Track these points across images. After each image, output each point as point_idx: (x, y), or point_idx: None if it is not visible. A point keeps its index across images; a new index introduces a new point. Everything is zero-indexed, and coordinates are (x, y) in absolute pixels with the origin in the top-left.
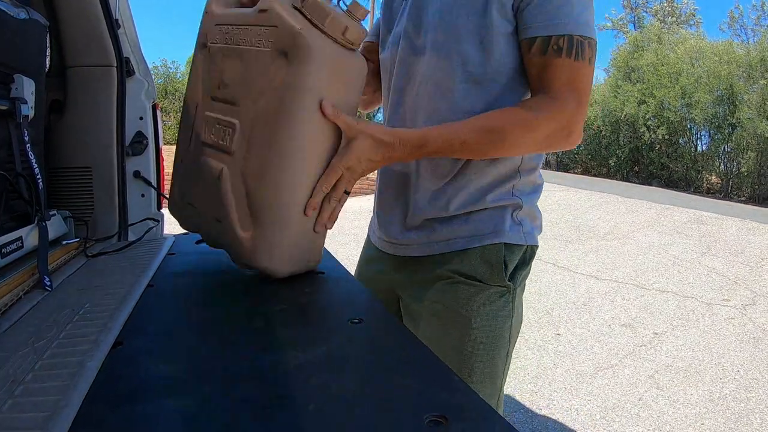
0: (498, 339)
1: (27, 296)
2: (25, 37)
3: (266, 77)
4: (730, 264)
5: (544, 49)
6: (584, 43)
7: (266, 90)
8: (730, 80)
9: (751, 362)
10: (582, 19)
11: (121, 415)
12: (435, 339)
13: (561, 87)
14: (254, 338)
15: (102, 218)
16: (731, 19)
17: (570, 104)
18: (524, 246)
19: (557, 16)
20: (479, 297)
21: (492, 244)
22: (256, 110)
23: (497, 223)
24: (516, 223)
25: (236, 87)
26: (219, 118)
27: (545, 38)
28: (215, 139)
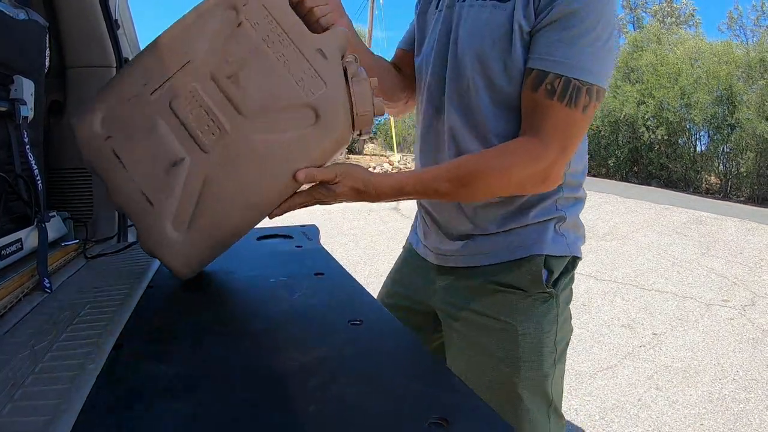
0: (544, 345)
1: (26, 298)
2: (25, 38)
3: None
4: (730, 264)
5: (537, 84)
6: (582, 90)
7: (275, 128)
8: (730, 81)
9: (750, 363)
10: (587, 62)
11: (121, 418)
12: (479, 348)
13: (547, 131)
14: (254, 340)
15: (101, 220)
16: (730, 20)
17: (552, 151)
18: (568, 257)
19: (559, 51)
20: (522, 304)
21: (535, 255)
22: (252, 133)
23: (540, 236)
24: (559, 234)
25: (246, 93)
26: (209, 107)
27: (540, 72)
28: (192, 124)
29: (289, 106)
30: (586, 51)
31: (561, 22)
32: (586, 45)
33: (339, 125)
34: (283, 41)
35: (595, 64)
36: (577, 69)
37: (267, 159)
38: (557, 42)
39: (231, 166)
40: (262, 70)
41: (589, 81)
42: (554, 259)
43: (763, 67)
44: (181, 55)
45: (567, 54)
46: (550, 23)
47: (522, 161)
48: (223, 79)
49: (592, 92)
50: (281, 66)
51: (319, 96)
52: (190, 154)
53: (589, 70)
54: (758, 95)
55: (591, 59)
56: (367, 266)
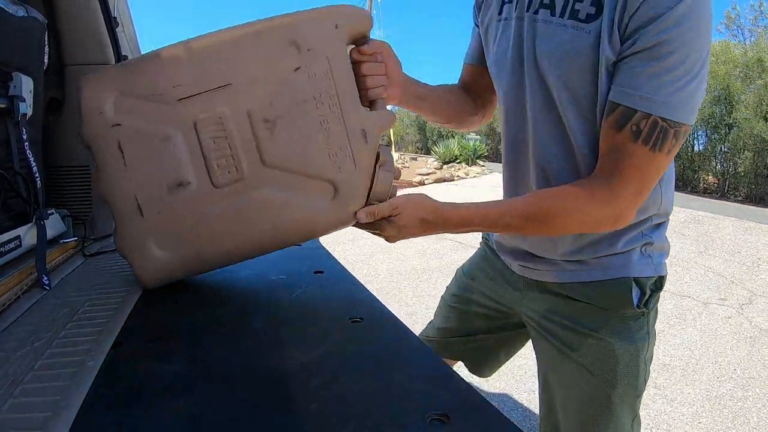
0: (639, 363)
1: (25, 295)
2: (24, 35)
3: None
4: (727, 263)
5: (623, 124)
6: (669, 132)
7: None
8: (727, 80)
9: (748, 361)
10: (676, 99)
11: (121, 416)
12: (574, 362)
13: (627, 176)
14: (254, 338)
15: (100, 217)
16: (728, 20)
17: (629, 196)
18: (653, 278)
19: (647, 85)
20: (616, 321)
21: (624, 278)
22: (267, 186)
23: (628, 260)
24: (645, 256)
25: (277, 144)
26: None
27: (627, 110)
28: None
29: (315, 176)
30: (677, 86)
31: (650, 52)
32: (676, 79)
33: (352, 207)
34: (333, 106)
35: (685, 101)
36: (666, 107)
37: (272, 215)
38: (645, 74)
39: (235, 210)
40: (302, 129)
41: (679, 120)
42: (643, 279)
43: (761, 67)
44: (223, 73)
45: (655, 89)
46: (637, 52)
47: (597, 205)
48: (258, 121)
49: (679, 133)
50: (322, 134)
51: (346, 176)
52: (198, 181)
53: (679, 108)
54: (756, 95)
55: (681, 95)
56: (366, 264)
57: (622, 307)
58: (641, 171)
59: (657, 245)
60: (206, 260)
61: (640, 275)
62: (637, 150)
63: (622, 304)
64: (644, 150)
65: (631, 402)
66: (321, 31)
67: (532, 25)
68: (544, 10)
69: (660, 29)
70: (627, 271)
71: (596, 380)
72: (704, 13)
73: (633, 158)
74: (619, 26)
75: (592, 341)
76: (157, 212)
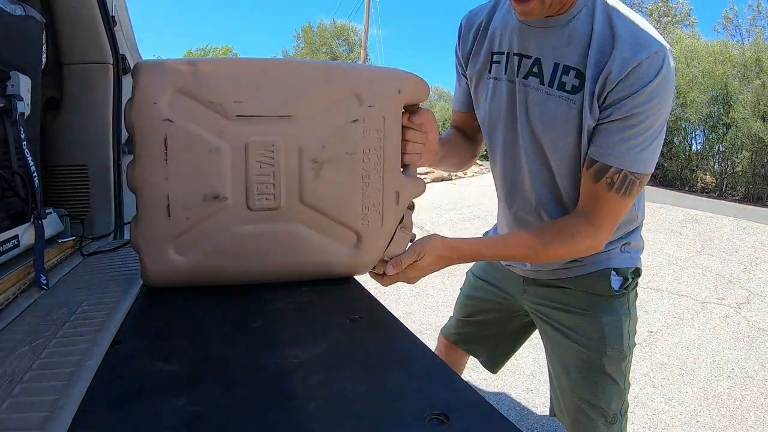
0: (623, 330)
1: (23, 295)
2: (22, 34)
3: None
4: (725, 263)
5: (600, 176)
6: (635, 182)
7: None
8: (725, 80)
9: (745, 360)
10: (643, 157)
11: (120, 415)
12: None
13: (603, 216)
14: (253, 337)
15: (98, 216)
16: (726, 20)
17: (604, 232)
18: (630, 269)
19: (620, 147)
20: (602, 301)
21: (608, 269)
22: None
23: (609, 256)
24: (624, 252)
25: (318, 186)
26: (279, 175)
27: (603, 166)
28: (254, 176)
29: (344, 223)
30: (643, 146)
31: (623, 121)
32: (644, 141)
33: (369, 259)
34: (377, 165)
35: (649, 157)
36: (635, 164)
37: (295, 249)
38: (619, 138)
39: (262, 236)
40: (345, 178)
41: (643, 172)
42: (623, 269)
43: (759, 67)
44: (287, 104)
45: (627, 150)
46: (613, 120)
47: (583, 239)
48: (307, 160)
49: (643, 181)
50: (360, 187)
51: (371, 230)
52: (234, 199)
53: (644, 163)
54: (753, 95)
55: (646, 153)
56: None
57: (606, 291)
58: (614, 212)
59: (633, 244)
60: (217, 275)
61: (620, 266)
62: (611, 197)
63: (605, 289)
64: (616, 197)
65: (619, 364)
66: (384, 92)
67: (524, 90)
68: (533, 78)
69: (634, 104)
70: (609, 264)
71: (588, 350)
72: (670, 87)
73: (608, 203)
74: (599, 98)
75: (584, 319)
76: (185, 217)
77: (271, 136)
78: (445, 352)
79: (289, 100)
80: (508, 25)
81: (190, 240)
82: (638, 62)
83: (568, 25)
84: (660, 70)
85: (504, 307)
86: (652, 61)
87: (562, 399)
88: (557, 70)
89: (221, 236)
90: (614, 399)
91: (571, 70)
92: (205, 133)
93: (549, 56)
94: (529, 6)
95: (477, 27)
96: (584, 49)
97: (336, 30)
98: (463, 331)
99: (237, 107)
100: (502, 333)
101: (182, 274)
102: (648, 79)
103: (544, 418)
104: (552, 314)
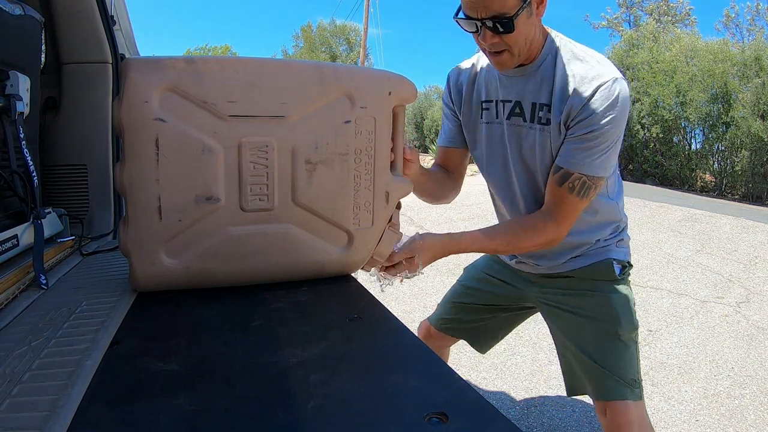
0: (629, 304)
1: (23, 294)
2: (20, 34)
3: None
4: (724, 262)
5: (563, 181)
6: (592, 186)
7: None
8: (725, 79)
9: (745, 359)
10: (599, 164)
11: (119, 415)
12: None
13: (563, 215)
14: (253, 336)
15: (97, 216)
16: (726, 19)
17: (564, 228)
18: (625, 261)
19: (580, 156)
20: (606, 284)
21: (608, 259)
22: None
23: (608, 250)
24: (619, 247)
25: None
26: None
27: (566, 172)
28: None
29: (336, 224)
30: (600, 155)
31: (584, 137)
32: (600, 151)
33: (358, 258)
34: (368, 165)
35: (605, 164)
36: (591, 169)
37: (288, 250)
38: (580, 149)
39: (254, 237)
40: (337, 179)
41: (598, 176)
42: (619, 260)
43: (758, 66)
44: (281, 105)
45: (585, 158)
46: (576, 136)
47: (548, 234)
48: (301, 161)
49: (598, 185)
50: (352, 187)
51: (362, 229)
52: (227, 200)
53: (600, 169)
54: (753, 94)
55: (603, 161)
56: None
57: (609, 276)
58: (572, 211)
59: (625, 240)
60: (209, 278)
61: (618, 258)
62: (572, 199)
63: (609, 274)
64: (576, 199)
65: (632, 333)
66: (376, 93)
67: (511, 128)
68: (516, 117)
69: (591, 124)
70: (608, 255)
71: (603, 323)
72: (622, 108)
73: (568, 204)
74: (565, 124)
75: (593, 299)
76: (178, 220)
77: (264, 136)
78: (431, 342)
79: (283, 101)
80: (492, 78)
81: (182, 243)
82: (593, 92)
83: (538, 71)
84: (612, 95)
85: (508, 298)
86: (604, 90)
87: (584, 372)
88: (535, 109)
89: (214, 238)
90: (632, 364)
91: (544, 106)
92: (197, 133)
93: (527, 98)
94: (501, 57)
95: (466, 80)
96: (551, 88)
97: (335, 29)
98: (457, 317)
99: (230, 107)
100: (495, 318)
101: (174, 277)
102: (602, 104)
103: (544, 418)
104: (561, 299)
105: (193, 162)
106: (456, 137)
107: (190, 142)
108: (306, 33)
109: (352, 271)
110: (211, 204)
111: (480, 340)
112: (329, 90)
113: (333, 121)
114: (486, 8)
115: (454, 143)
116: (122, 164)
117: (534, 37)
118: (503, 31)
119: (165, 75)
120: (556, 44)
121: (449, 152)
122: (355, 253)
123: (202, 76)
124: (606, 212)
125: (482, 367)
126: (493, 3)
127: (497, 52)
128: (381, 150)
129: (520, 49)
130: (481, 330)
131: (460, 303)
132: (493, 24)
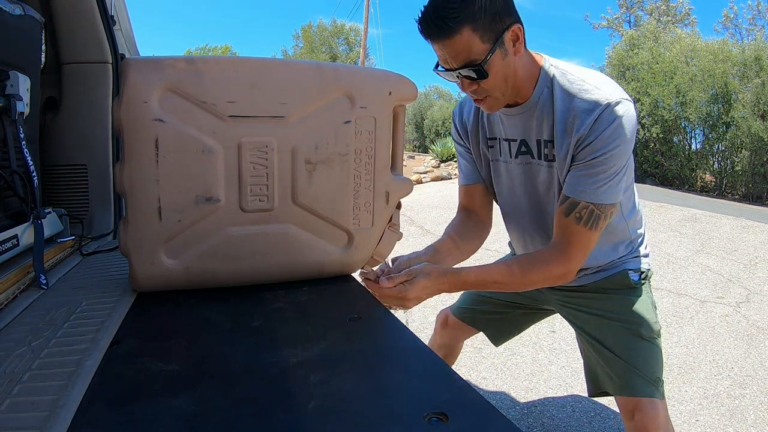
0: (650, 304)
1: (23, 294)
2: (21, 34)
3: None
4: (724, 262)
5: (570, 211)
6: (601, 215)
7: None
8: (725, 79)
9: (745, 359)
10: (606, 192)
11: (119, 415)
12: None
13: (573, 247)
14: (253, 336)
15: (97, 216)
16: (726, 19)
17: (575, 262)
18: (643, 269)
19: (586, 184)
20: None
21: (626, 270)
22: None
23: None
24: (637, 257)
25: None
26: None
27: (573, 201)
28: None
29: (336, 224)
30: (606, 183)
31: (589, 163)
32: (606, 178)
33: (359, 258)
34: (368, 165)
35: (612, 191)
36: (598, 197)
37: (288, 250)
38: (586, 176)
39: (255, 237)
40: (337, 179)
41: (607, 204)
42: (639, 270)
43: (758, 66)
44: (281, 105)
45: (590, 185)
46: (581, 164)
47: (557, 269)
48: (301, 161)
49: (608, 214)
50: (352, 188)
51: (362, 229)
52: (227, 201)
53: (607, 196)
54: (753, 94)
55: (609, 189)
56: None
57: (627, 284)
58: (583, 244)
59: (642, 252)
60: (209, 278)
61: (635, 267)
62: (580, 230)
63: (627, 283)
64: (584, 230)
65: (653, 334)
66: (376, 94)
67: (522, 166)
68: (523, 155)
69: (595, 151)
70: (625, 267)
71: (627, 323)
72: (627, 130)
73: (577, 236)
74: (572, 157)
75: (615, 300)
76: (178, 220)
77: (264, 136)
78: (448, 331)
79: (283, 101)
80: (494, 115)
81: (182, 243)
82: (594, 119)
83: (537, 107)
84: (614, 119)
85: (529, 298)
86: (606, 115)
87: (610, 368)
88: (540, 145)
89: (214, 238)
90: (657, 362)
91: (548, 143)
92: (197, 134)
93: (532, 136)
94: (485, 103)
95: (469, 117)
96: (551, 123)
97: (335, 29)
98: (478, 308)
99: (230, 107)
100: (515, 314)
101: (173, 278)
102: (603, 129)
103: (544, 418)
104: (583, 303)
105: (193, 162)
106: (473, 173)
107: (189, 142)
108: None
109: (353, 271)
110: (211, 204)
111: (497, 333)
112: (329, 90)
113: (333, 121)
114: (455, 58)
115: (473, 179)
116: (122, 164)
117: (517, 75)
118: (477, 77)
119: (165, 75)
120: (550, 75)
121: (470, 189)
122: (356, 253)
123: (202, 76)
124: (616, 232)
125: (482, 367)
126: (460, 53)
127: (480, 98)
128: (381, 150)
129: (502, 92)
130: (499, 322)
131: (483, 296)
132: (467, 72)
